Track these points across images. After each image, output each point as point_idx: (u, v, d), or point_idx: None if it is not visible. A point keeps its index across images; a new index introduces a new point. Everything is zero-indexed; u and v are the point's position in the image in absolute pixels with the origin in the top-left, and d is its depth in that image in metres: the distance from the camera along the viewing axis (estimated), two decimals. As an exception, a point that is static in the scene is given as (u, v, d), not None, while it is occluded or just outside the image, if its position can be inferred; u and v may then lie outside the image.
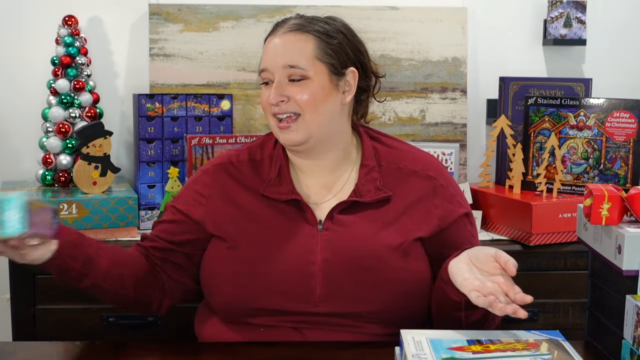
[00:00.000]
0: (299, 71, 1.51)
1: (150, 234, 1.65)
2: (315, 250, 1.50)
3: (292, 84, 1.52)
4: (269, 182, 1.56)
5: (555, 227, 2.13)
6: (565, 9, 2.61)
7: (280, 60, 1.52)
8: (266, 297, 1.50)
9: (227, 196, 1.58)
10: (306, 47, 1.53)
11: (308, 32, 1.54)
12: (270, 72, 1.53)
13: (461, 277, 1.38)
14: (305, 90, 1.51)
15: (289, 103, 1.51)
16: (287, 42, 1.53)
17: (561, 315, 2.15)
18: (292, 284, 1.50)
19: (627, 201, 1.35)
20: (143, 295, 1.59)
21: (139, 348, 1.54)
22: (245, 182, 1.58)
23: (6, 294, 2.09)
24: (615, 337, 1.37)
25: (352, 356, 1.45)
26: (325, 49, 1.54)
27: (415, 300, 1.54)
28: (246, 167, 1.60)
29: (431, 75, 2.60)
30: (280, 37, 1.54)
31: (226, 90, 2.52)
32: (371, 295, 1.50)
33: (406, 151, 1.64)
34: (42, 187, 2.30)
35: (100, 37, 2.51)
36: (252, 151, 1.63)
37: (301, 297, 1.50)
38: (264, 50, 1.56)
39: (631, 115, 2.18)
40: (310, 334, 1.52)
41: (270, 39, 1.56)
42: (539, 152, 2.29)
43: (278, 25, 1.58)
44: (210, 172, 1.62)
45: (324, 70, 1.53)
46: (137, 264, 1.59)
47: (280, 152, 1.60)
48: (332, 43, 1.54)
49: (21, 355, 1.48)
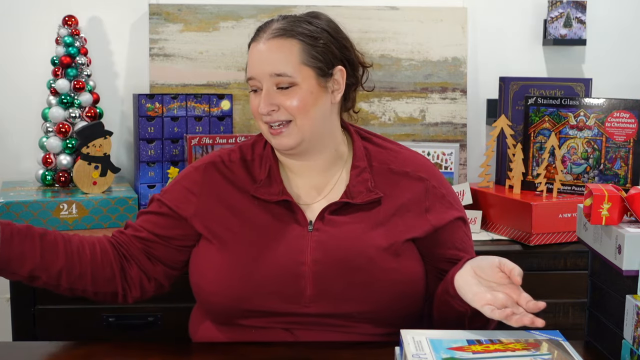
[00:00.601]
0: (286, 79, 1.49)
1: (134, 223, 1.63)
2: (306, 251, 1.50)
3: (280, 91, 1.50)
4: (260, 183, 1.55)
5: (555, 227, 2.13)
6: (565, 9, 2.61)
7: (266, 69, 1.50)
8: (257, 298, 1.50)
9: (217, 195, 1.57)
10: (291, 53, 1.50)
11: (292, 37, 1.51)
12: (258, 80, 1.51)
13: (471, 293, 1.37)
14: (294, 97, 1.50)
15: (279, 111, 1.50)
16: (271, 49, 1.51)
17: (561, 315, 2.15)
18: (283, 284, 1.49)
19: (627, 201, 1.35)
20: (103, 289, 1.58)
21: (139, 348, 1.54)
22: (236, 182, 1.57)
23: (6, 294, 2.09)
24: (615, 337, 1.37)
25: (351, 356, 1.45)
26: (311, 53, 1.51)
27: (408, 301, 1.54)
28: (237, 166, 1.59)
29: (431, 75, 2.60)
30: (265, 43, 1.51)
31: (226, 90, 2.52)
32: (362, 296, 1.49)
33: (397, 152, 1.63)
34: (42, 187, 2.30)
35: (100, 37, 2.51)
36: (243, 150, 1.62)
37: (291, 298, 1.49)
38: (249, 57, 1.54)
39: (631, 115, 2.18)
40: (301, 335, 1.51)
41: (254, 45, 1.53)
42: (539, 152, 2.29)
43: (260, 30, 1.54)
44: (201, 169, 1.60)
45: (311, 74, 1.51)
46: (94, 258, 1.56)
47: (270, 152, 1.59)
48: (317, 45, 1.51)
49: (21, 355, 1.48)
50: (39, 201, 2.09)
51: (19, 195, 2.15)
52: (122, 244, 1.59)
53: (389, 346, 1.39)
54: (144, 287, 1.60)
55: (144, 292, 1.61)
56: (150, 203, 1.64)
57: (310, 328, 1.51)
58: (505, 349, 1.28)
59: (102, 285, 1.57)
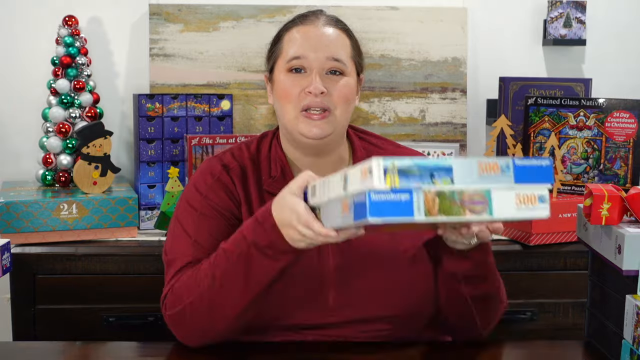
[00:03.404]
0: (341, 66, 1.51)
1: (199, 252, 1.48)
2: (328, 255, 1.49)
3: (330, 77, 1.50)
4: (274, 179, 1.54)
5: (555, 227, 2.13)
6: (565, 9, 2.61)
7: (325, 51, 1.50)
8: (283, 313, 1.47)
9: (244, 200, 1.54)
10: (346, 44, 1.54)
11: (344, 31, 1.56)
12: (308, 60, 1.50)
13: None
14: (344, 86, 1.51)
15: (326, 96, 1.49)
16: (330, 34, 1.52)
17: (561, 315, 2.15)
18: (307, 294, 1.47)
19: (627, 201, 1.35)
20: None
21: (139, 348, 1.54)
22: (252, 186, 1.54)
23: (6, 294, 2.09)
24: (615, 337, 1.37)
25: (356, 356, 1.45)
26: (356, 50, 1.56)
27: (424, 301, 1.53)
28: (250, 170, 1.56)
29: (431, 75, 2.60)
30: (322, 28, 1.53)
31: (226, 91, 2.52)
32: (383, 300, 1.49)
33: (394, 150, 1.64)
34: (42, 187, 2.30)
35: (100, 37, 2.52)
36: (251, 154, 1.59)
37: (315, 308, 1.48)
38: (295, 39, 1.52)
39: (631, 115, 2.18)
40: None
41: (306, 29, 1.53)
42: (538, 152, 2.29)
43: (305, 17, 1.55)
44: (224, 176, 1.54)
45: (354, 70, 1.55)
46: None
47: (280, 152, 1.58)
48: (357, 46, 1.57)
49: (21, 355, 1.48)
50: (39, 201, 2.09)
51: (19, 195, 2.15)
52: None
53: (396, 348, 1.39)
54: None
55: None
56: (195, 223, 1.52)
57: (332, 335, 1.50)
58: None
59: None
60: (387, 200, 1.09)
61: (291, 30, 1.55)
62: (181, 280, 1.44)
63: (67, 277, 2.06)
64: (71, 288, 2.07)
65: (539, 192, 1.16)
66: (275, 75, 1.56)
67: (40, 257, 2.05)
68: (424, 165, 1.10)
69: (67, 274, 2.06)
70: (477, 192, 1.13)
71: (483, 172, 1.13)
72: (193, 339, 1.45)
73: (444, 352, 1.51)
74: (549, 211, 1.16)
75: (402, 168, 1.09)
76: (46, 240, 2.09)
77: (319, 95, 1.48)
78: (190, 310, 1.41)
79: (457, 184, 1.12)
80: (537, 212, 1.16)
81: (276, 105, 1.57)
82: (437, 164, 1.11)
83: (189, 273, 1.44)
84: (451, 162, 1.12)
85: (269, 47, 1.61)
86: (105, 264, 2.07)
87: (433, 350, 1.50)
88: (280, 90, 1.53)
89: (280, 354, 1.46)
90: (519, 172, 1.15)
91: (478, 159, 1.14)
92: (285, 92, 1.51)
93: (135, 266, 2.06)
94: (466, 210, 1.12)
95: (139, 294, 2.05)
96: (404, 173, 1.09)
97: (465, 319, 1.51)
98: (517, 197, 1.15)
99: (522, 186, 1.15)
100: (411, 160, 1.10)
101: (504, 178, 1.14)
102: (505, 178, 1.14)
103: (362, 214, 1.10)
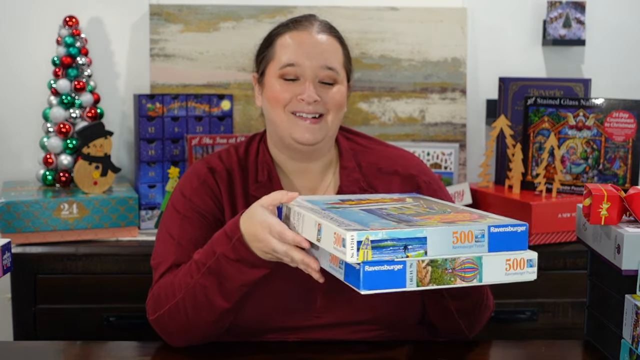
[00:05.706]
0: (334, 75, 1.51)
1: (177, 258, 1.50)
2: None
3: (323, 85, 1.51)
4: (261, 183, 1.54)
5: (554, 227, 2.13)
6: (564, 9, 2.61)
7: (318, 60, 1.50)
8: (272, 316, 1.48)
9: (228, 204, 1.54)
10: (338, 51, 1.54)
11: (337, 38, 1.55)
12: (302, 67, 1.49)
13: None
14: (336, 93, 1.51)
15: (319, 104, 1.50)
16: (323, 42, 1.52)
17: (560, 315, 2.15)
18: (294, 297, 1.48)
19: (626, 201, 1.35)
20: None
21: (139, 348, 1.54)
22: (238, 190, 1.55)
23: (7, 294, 2.10)
24: (614, 337, 1.37)
25: (353, 356, 1.45)
26: (347, 57, 1.56)
27: (411, 304, 1.53)
28: (237, 174, 1.56)
29: (431, 76, 2.61)
30: (316, 35, 1.52)
31: (226, 91, 2.53)
32: (370, 302, 1.47)
33: (383, 150, 1.64)
34: (42, 187, 2.30)
35: (100, 37, 2.52)
36: (239, 157, 1.58)
37: (302, 310, 1.49)
38: (288, 46, 1.51)
39: (630, 115, 2.18)
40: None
41: (300, 35, 1.52)
42: (538, 152, 2.30)
43: (298, 22, 1.54)
44: (210, 179, 1.55)
45: (345, 77, 1.55)
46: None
47: (267, 156, 1.57)
48: (349, 53, 1.57)
49: (21, 355, 1.48)
50: (40, 201, 2.09)
51: (19, 195, 2.15)
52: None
53: (391, 347, 1.39)
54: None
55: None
56: (180, 225, 1.53)
57: (319, 336, 1.51)
58: (377, 201, 1.35)
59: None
60: (380, 270, 1.11)
61: (284, 35, 1.54)
62: (161, 285, 1.47)
63: (68, 277, 2.06)
64: (71, 288, 2.07)
65: (528, 256, 1.18)
66: (267, 79, 1.55)
67: (40, 257, 2.06)
68: (397, 237, 1.11)
69: (67, 274, 2.06)
70: (469, 258, 1.15)
71: (457, 242, 1.15)
72: (176, 341, 1.48)
73: (443, 352, 1.51)
74: (536, 275, 1.19)
75: (376, 241, 1.10)
76: (47, 240, 2.09)
77: (311, 104, 1.49)
78: (169, 316, 1.44)
79: (431, 255, 1.13)
80: (525, 277, 1.19)
81: (266, 108, 1.55)
82: (410, 234, 1.12)
83: (168, 279, 1.46)
84: (425, 232, 1.13)
85: (259, 48, 1.61)
86: (106, 264, 2.07)
87: (429, 350, 1.51)
88: (271, 95, 1.52)
89: (275, 353, 1.46)
90: (494, 239, 1.16)
91: (453, 228, 1.15)
92: (276, 97, 1.51)
93: (136, 266, 2.06)
94: (457, 278, 1.14)
95: (139, 294, 2.04)
96: (377, 247, 1.10)
97: (450, 325, 1.51)
98: (507, 262, 1.17)
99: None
100: (384, 232, 1.11)
101: (477, 249, 1.16)
102: (479, 249, 1.16)
103: (355, 280, 1.12)
